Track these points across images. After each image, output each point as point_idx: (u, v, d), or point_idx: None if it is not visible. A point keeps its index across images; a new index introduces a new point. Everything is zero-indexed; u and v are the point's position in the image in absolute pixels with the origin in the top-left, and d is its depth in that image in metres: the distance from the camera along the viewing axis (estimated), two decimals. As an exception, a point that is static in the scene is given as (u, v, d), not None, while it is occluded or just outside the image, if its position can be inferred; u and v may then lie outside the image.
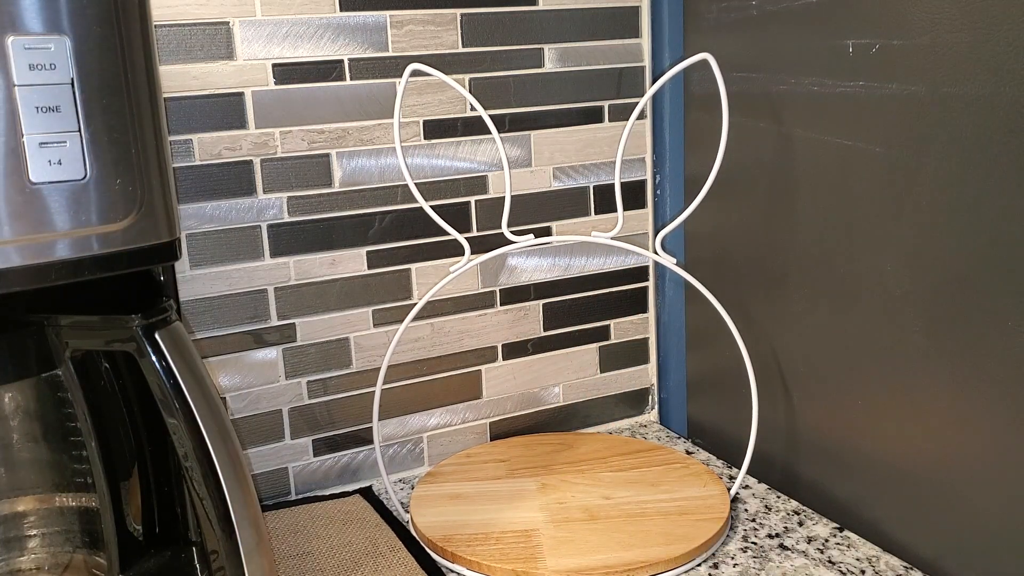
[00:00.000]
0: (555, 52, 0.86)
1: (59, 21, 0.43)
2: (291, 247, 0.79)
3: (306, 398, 0.82)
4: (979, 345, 0.63)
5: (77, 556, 0.58)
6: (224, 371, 0.79)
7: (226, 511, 0.49)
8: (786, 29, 0.76)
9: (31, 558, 0.57)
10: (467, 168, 0.84)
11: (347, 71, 0.78)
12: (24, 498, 0.57)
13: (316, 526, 0.76)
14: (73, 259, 0.45)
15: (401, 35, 0.79)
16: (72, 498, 0.58)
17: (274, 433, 0.82)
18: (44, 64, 0.43)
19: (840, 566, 0.68)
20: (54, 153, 0.43)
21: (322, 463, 0.84)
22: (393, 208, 0.82)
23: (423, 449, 0.88)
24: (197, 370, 0.49)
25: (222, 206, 0.76)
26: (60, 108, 0.43)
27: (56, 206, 0.44)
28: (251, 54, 0.75)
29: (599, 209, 0.90)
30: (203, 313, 0.77)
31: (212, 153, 0.75)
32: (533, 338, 0.91)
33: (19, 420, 0.57)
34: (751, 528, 0.74)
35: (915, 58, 0.65)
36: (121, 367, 0.55)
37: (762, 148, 0.80)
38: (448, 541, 0.71)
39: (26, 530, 0.57)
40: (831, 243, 0.75)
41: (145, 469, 0.57)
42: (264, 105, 0.76)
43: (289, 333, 0.80)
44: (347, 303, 0.82)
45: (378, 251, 0.82)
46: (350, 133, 0.79)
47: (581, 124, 0.88)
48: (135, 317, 0.48)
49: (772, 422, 0.83)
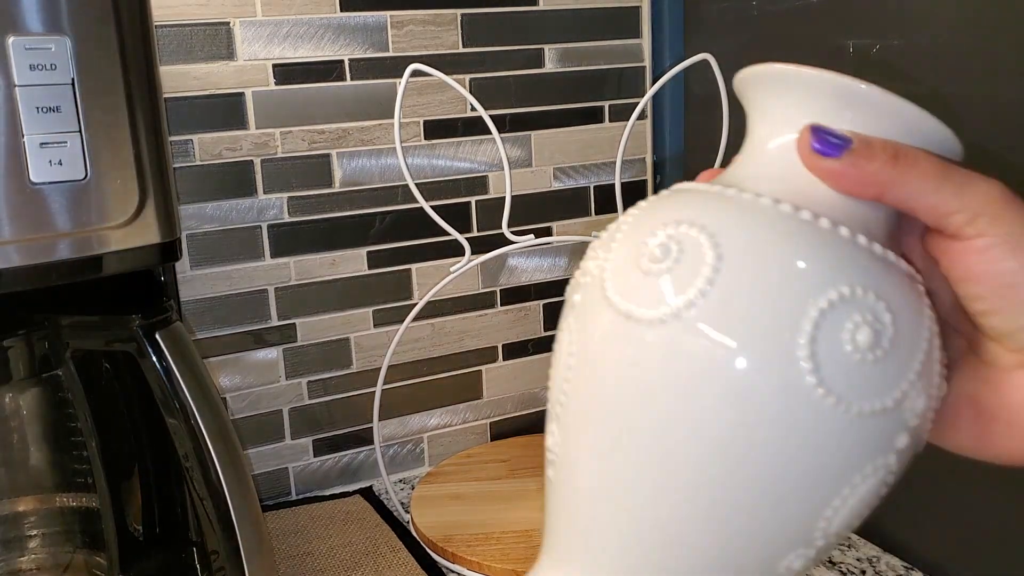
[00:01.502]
0: (555, 52, 0.86)
1: (60, 21, 0.43)
2: (291, 247, 0.79)
3: (306, 398, 0.82)
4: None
5: (77, 556, 0.58)
6: (224, 371, 0.78)
7: (226, 511, 0.49)
8: (786, 29, 0.76)
9: (31, 558, 0.57)
10: (467, 168, 0.84)
11: (347, 71, 0.78)
12: (24, 498, 0.57)
13: (316, 526, 0.76)
14: (73, 259, 0.45)
15: (401, 35, 0.79)
16: (72, 498, 0.58)
17: (274, 433, 0.82)
18: (45, 64, 0.43)
19: (841, 566, 0.68)
20: (54, 153, 0.43)
21: (322, 463, 0.84)
22: (393, 208, 0.82)
23: (423, 449, 0.88)
24: (197, 370, 0.49)
25: (222, 206, 0.76)
26: (61, 108, 0.43)
27: (56, 206, 0.44)
28: (251, 54, 0.75)
29: (599, 209, 0.90)
30: (203, 313, 0.77)
31: (212, 153, 0.75)
32: (533, 338, 0.91)
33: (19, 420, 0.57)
34: (751, 528, 0.74)
35: (916, 58, 0.65)
36: (122, 367, 0.55)
37: (762, 148, 0.80)
38: (448, 541, 0.71)
39: (26, 530, 0.57)
40: (831, 243, 0.74)
41: (145, 469, 0.57)
42: (264, 105, 0.76)
43: (289, 333, 0.80)
44: (347, 303, 0.82)
45: (378, 251, 0.82)
46: (350, 133, 0.79)
47: (581, 124, 0.88)
48: (135, 317, 0.48)
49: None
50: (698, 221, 0.32)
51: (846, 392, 0.30)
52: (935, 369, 0.32)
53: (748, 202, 0.32)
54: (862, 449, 0.32)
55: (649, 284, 0.32)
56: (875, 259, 0.31)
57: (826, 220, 0.31)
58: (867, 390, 0.31)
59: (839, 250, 0.31)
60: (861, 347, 0.30)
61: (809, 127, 0.33)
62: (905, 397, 0.31)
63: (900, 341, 0.31)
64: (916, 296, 0.32)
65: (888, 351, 0.31)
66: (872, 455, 0.32)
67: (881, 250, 0.32)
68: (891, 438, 0.32)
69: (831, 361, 0.30)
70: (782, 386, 0.30)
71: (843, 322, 0.30)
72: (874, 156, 0.31)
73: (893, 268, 0.32)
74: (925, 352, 0.31)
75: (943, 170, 0.31)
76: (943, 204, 0.31)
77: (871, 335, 0.30)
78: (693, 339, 0.30)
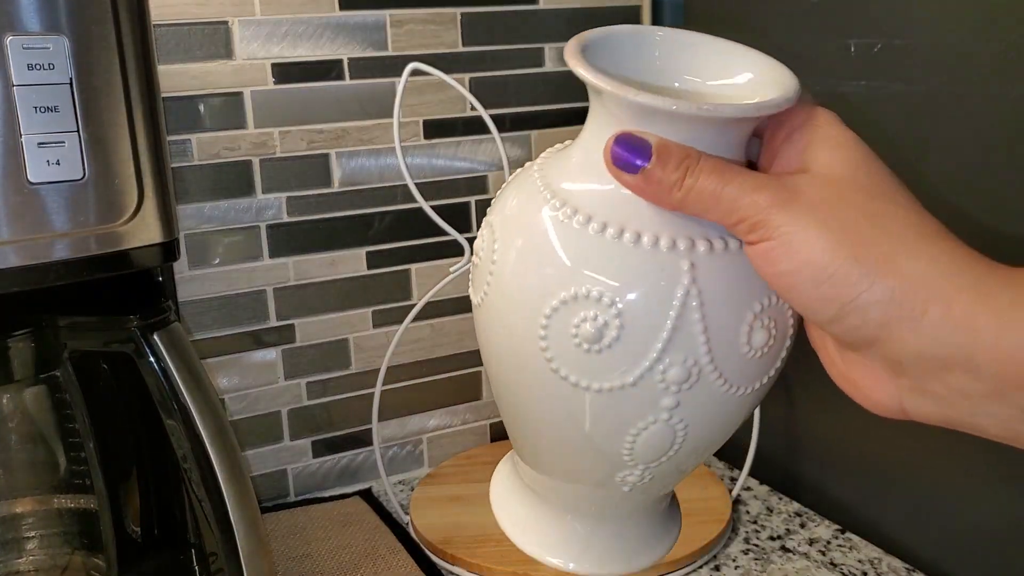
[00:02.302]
0: (555, 52, 0.85)
1: (58, 21, 0.43)
2: (290, 247, 0.79)
3: (305, 399, 0.82)
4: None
5: (75, 558, 0.58)
6: (223, 372, 0.78)
7: (225, 513, 0.49)
8: (787, 29, 0.76)
9: (29, 560, 0.57)
10: (467, 168, 0.84)
11: (346, 70, 0.78)
12: (22, 500, 0.57)
13: (315, 528, 0.76)
14: (72, 259, 0.45)
15: (401, 34, 0.79)
16: (70, 500, 0.58)
17: (273, 434, 0.81)
18: (42, 64, 0.43)
19: (842, 568, 0.68)
20: (52, 153, 0.43)
21: (321, 464, 0.84)
22: (393, 208, 0.82)
23: (423, 451, 0.88)
24: (196, 371, 0.49)
25: (221, 206, 0.76)
26: (59, 108, 0.43)
27: (54, 206, 0.44)
28: (250, 53, 0.74)
29: (599, 209, 0.90)
30: (202, 314, 0.77)
31: (211, 153, 0.74)
32: (533, 339, 0.90)
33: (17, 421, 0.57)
34: (752, 530, 0.74)
35: (917, 58, 0.65)
36: (120, 368, 0.55)
37: (763, 148, 0.80)
38: (448, 543, 0.71)
39: (24, 532, 0.57)
40: (832, 243, 0.74)
41: (144, 471, 0.57)
42: (263, 105, 0.75)
43: (288, 334, 0.80)
44: (347, 304, 0.82)
45: (378, 251, 0.82)
46: (349, 133, 0.79)
47: (581, 124, 0.88)
48: (133, 318, 0.48)
49: (773, 424, 0.83)
50: (492, 214, 0.42)
51: (579, 377, 0.38)
52: (699, 340, 0.37)
53: (540, 196, 0.40)
54: (623, 411, 0.39)
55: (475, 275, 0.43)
56: (634, 260, 0.37)
57: (611, 228, 0.37)
58: (598, 374, 0.38)
59: (593, 253, 0.37)
60: (588, 339, 0.37)
61: (614, 136, 0.36)
62: (649, 374, 0.37)
63: (631, 336, 0.37)
64: (666, 294, 0.37)
65: (613, 344, 0.37)
66: (638, 414, 0.39)
67: (650, 246, 0.37)
68: (653, 401, 0.38)
69: (562, 351, 0.38)
70: (537, 368, 0.39)
71: (573, 316, 0.37)
72: (665, 176, 0.35)
73: (652, 263, 0.37)
74: (665, 340, 0.37)
75: (719, 187, 0.34)
76: (725, 219, 0.35)
77: (594, 331, 0.37)
78: (497, 310, 0.40)
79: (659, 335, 0.37)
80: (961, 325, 0.31)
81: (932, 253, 0.32)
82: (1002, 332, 0.31)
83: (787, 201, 0.33)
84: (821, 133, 0.36)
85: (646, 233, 0.37)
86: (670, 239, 0.37)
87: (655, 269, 0.37)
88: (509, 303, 0.40)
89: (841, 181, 0.34)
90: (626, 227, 0.37)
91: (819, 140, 0.36)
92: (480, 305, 0.42)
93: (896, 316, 0.32)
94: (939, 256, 0.32)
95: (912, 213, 0.34)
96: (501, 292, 0.40)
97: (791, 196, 0.33)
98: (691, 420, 0.40)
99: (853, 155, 0.35)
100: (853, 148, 0.35)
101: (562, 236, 0.38)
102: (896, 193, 0.34)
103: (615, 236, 0.37)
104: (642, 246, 0.37)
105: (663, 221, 0.37)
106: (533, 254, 0.39)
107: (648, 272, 0.37)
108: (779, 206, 0.33)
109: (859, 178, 0.34)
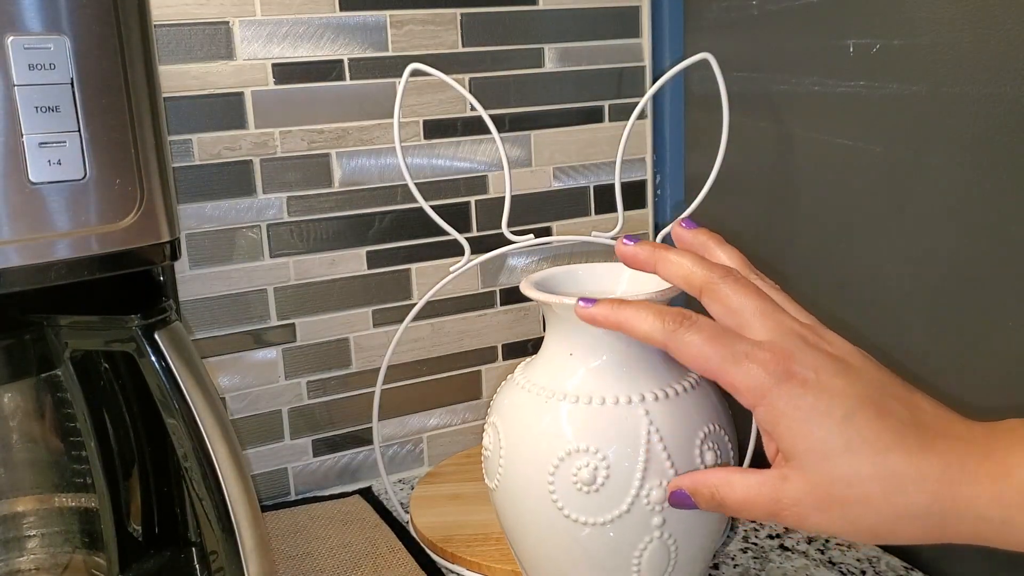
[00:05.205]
0: (555, 52, 0.86)
1: (59, 21, 0.43)
2: (291, 247, 0.79)
3: (306, 398, 0.82)
4: (979, 345, 0.63)
5: (76, 556, 0.58)
6: (224, 371, 0.78)
7: (226, 511, 0.49)
8: (787, 29, 0.76)
9: (30, 558, 0.57)
10: (467, 168, 0.84)
11: (347, 71, 0.78)
12: (23, 498, 0.57)
13: (316, 527, 0.76)
14: (73, 259, 0.45)
15: (401, 35, 0.79)
16: (71, 498, 0.58)
17: (274, 433, 0.82)
18: (44, 64, 0.43)
19: (841, 566, 0.68)
20: (53, 153, 0.43)
21: (322, 463, 0.84)
22: (393, 208, 0.82)
23: (423, 449, 0.88)
24: (197, 370, 0.49)
25: (222, 206, 0.76)
26: (60, 108, 0.43)
27: (55, 206, 0.44)
28: (251, 54, 0.75)
29: (599, 209, 0.90)
30: (203, 313, 0.77)
31: (212, 153, 0.75)
32: (533, 338, 0.91)
33: (18, 420, 0.57)
34: (751, 528, 0.74)
35: (916, 58, 0.65)
36: (121, 367, 0.55)
37: (762, 148, 0.80)
38: (448, 542, 0.71)
39: (25, 530, 0.57)
40: (831, 243, 0.74)
41: (145, 469, 0.57)
42: (264, 105, 0.76)
43: (289, 333, 0.80)
44: (347, 303, 0.82)
45: (378, 251, 0.82)
46: (350, 133, 0.79)
47: (581, 124, 0.88)
48: (134, 317, 0.48)
49: (772, 422, 0.83)
50: (495, 413, 0.57)
51: (579, 515, 0.51)
52: (664, 467, 0.50)
53: (526, 392, 0.55)
54: (622, 537, 0.51)
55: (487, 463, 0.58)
56: (605, 417, 0.51)
57: (582, 399, 0.52)
58: (595, 510, 0.51)
59: (576, 418, 0.52)
60: (585, 483, 0.50)
61: (577, 300, 0.48)
62: (637, 500, 0.50)
63: (617, 473, 0.50)
64: (635, 437, 0.50)
65: (606, 482, 0.50)
66: (637, 536, 0.51)
67: (613, 404, 0.51)
68: (644, 523, 0.51)
69: (566, 494, 0.51)
70: (549, 512, 0.52)
71: (571, 468, 0.51)
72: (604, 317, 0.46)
73: (619, 416, 0.51)
74: (642, 471, 0.50)
75: (651, 332, 0.45)
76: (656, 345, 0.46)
77: (589, 474, 0.50)
78: (513, 483, 0.54)
79: (636, 467, 0.50)
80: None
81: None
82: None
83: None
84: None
85: (608, 396, 0.51)
86: (627, 396, 0.51)
87: (622, 419, 0.51)
88: (520, 478, 0.53)
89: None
90: (593, 396, 0.52)
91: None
92: (496, 489, 0.56)
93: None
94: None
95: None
96: (514, 472, 0.54)
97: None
98: (678, 532, 0.52)
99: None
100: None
101: (552, 413, 0.52)
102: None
103: (586, 403, 0.51)
104: (607, 406, 0.51)
105: (620, 385, 0.52)
106: (533, 432, 0.53)
107: (618, 422, 0.51)
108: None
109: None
